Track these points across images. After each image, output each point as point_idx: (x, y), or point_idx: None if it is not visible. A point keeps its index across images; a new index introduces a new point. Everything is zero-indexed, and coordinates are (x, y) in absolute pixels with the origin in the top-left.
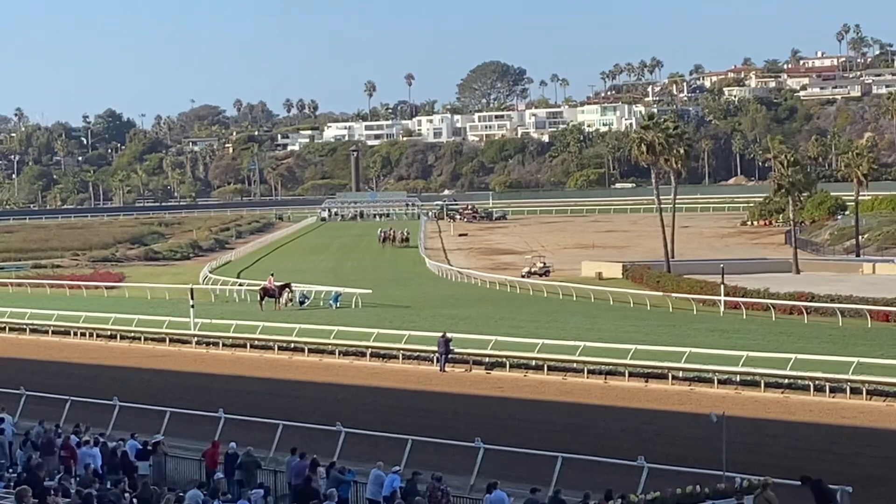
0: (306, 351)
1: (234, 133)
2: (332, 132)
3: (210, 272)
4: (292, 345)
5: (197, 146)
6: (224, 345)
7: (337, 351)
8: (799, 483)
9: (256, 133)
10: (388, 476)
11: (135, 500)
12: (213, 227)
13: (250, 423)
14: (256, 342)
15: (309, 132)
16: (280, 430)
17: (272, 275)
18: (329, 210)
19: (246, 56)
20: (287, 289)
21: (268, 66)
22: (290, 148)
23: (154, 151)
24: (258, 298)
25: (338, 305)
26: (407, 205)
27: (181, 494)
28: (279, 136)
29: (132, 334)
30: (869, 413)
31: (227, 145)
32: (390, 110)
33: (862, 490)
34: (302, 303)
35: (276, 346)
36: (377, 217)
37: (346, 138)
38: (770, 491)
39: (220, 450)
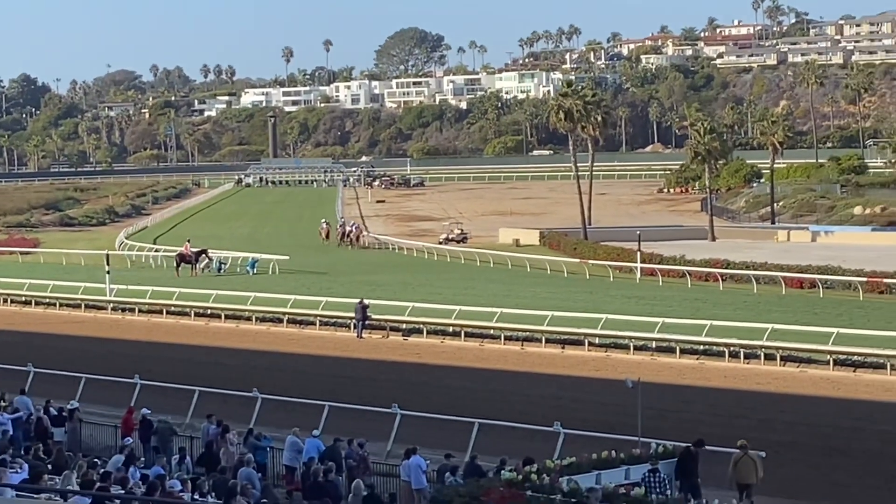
0: (223, 317)
1: (151, 98)
2: (249, 98)
3: (126, 238)
4: (209, 311)
5: (113, 111)
6: (140, 311)
7: (254, 317)
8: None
9: (173, 98)
10: (306, 442)
11: (49, 467)
12: (130, 193)
13: (166, 389)
14: (173, 308)
15: (226, 98)
16: (196, 397)
17: (189, 241)
18: (254, 176)
19: (163, 21)
20: (204, 255)
21: (185, 32)
22: (206, 114)
23: (69, 116)
24: (174, 265)
25: (255, 272)
26: (325, 171)
27: (95, 461)
28: (196, 101)
29: (47, 300)
30: (783, 379)
31: (143, 111)
32: (308, 76)
33: (775, 455)
34: (219, 269)
35: (192, 313)
36: (302, 183)
37: (264, 104)
38: (751, 451)
39: (134, 416)
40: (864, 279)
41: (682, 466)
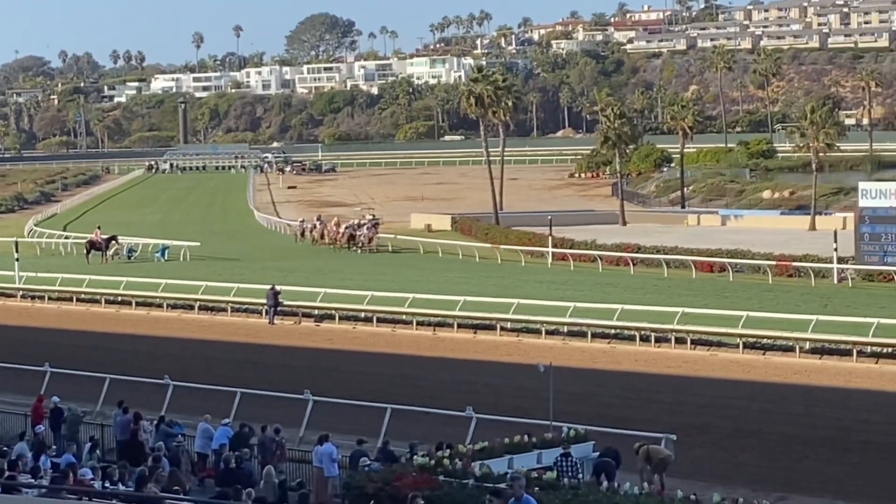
0: (134, 304)
1: (60, 84)
2: (159, 84)
3: (35, 225)
4: (119, 298)
5: (21, 97)
6: (50, 298)
7: (165, 304)
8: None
9: (82, 84)
10: (217, 429)
11: None
12: (39, 180)
13: (77, 377)
14: (83, 296)
15: (136, 84)
16: (107, 384)
17: (99, 228)
18: (170, 162)
19: (72, 6)
20: (114, 242)
21: (94, 17)
22: (116, 100)
23: None
24: (84, 252)
25: (165, 259)
26: (240, 157)
27: (5, 448)
28: (105, 87)
29: None
30: (693, 362)
31: (52, 97)
32: (218, 62)
33: (686, 438)
34: (129, 256)
35: (103, 300)
36: (218, 169)
37: (174, 90)
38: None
39: (44, 404)
40: (773, 263)
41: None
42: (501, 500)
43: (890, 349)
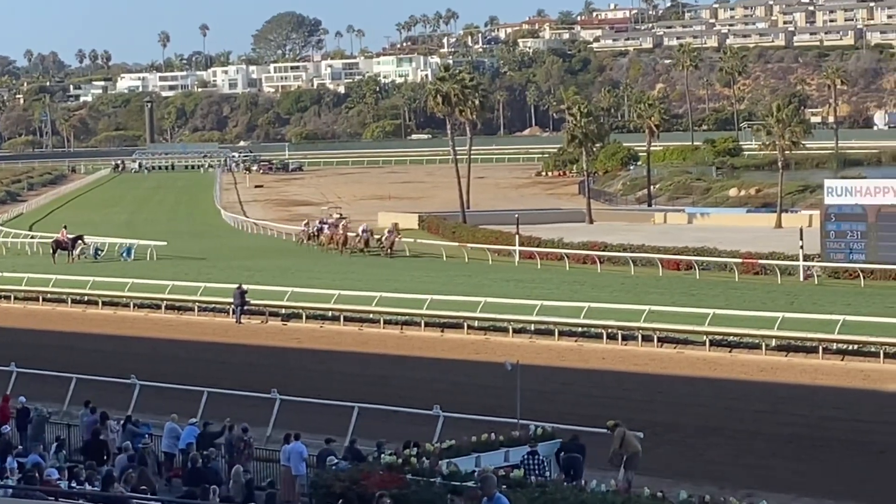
0: (100, 304)
1: (25, 84)
2: (125, 83)
3: (1, 225)
4: (86, 298)
5: None
6: (16, 298)
7: (131, 304)
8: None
9: (48, 84)
10: (185, 428)
11: None
12: (4, 180)
13: (44, 376)
14: (49, 295)
15: (102, 83)
16: (73, 384)
17: (65, 227)
18: (139, 161)
19: (37, 5)
20: (80, 241)
21: (60, 17)
22: (82, 99)
23: None
24: (51, 251)
25: (131, 258)
26: (205, 156)
27: None
28: (71, 87)
29: None
30: (660, 360)
31: (17, 96)
32: (185, 61)
33: (654, 436)
34: (95, 255)
35: (69, 300)
36: (188, 168)
37: (140, 89)
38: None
39: (10, 404)
40: (740, 260)
41: (568, 464)
42: (462, 497)
43: (856, 346)
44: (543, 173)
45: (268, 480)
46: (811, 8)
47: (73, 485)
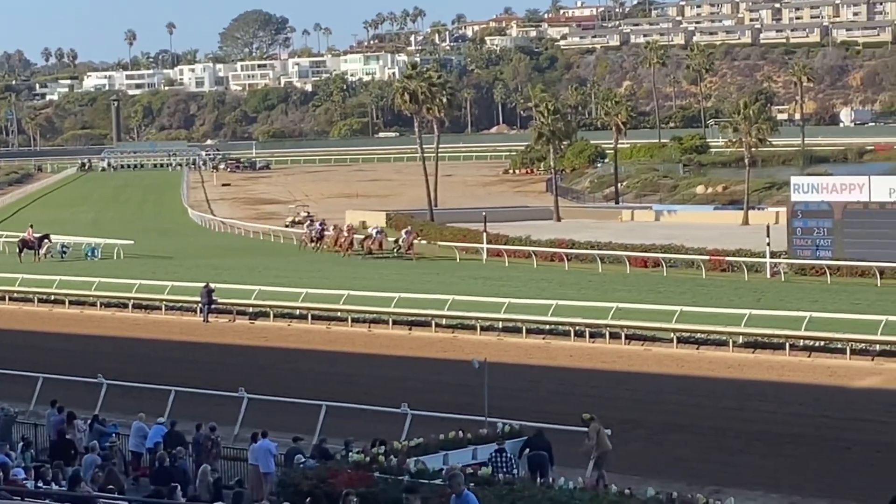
0: (67, 303)
1: None
2: (92, 81)
3: None
4: (53, 297)
5: None
6: None
7: (99, 303)
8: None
9: (14, 82)
10: (152, 427)
11: None
12: None
13: (10, 376)
14: (16, 294)
15: (68, 82)
16: (40, 384)
17: (31, 226)
18: (109, 160)
19: (2, 4)
20: (46, 240)
21: (25, 15)
22: (48, 98)
23: None
24: (17, 250)
25: (97, 257)
26: (172, 154)
27: None
28: (37, 85)
29: None
30: (627, 357)
31: None
32: (151, 59)
33: (621, 432)
34: (62, 254)
35: (36, 299)
36: (157, 167)
37: (107, 88)
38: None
39: None
40: (707, 257)
41: (534, 462)
42: (418, 495)
43: (822, 342)
44: (511, 171)
45: (235, 479)
46: (777, 5)
47: (40, 485)
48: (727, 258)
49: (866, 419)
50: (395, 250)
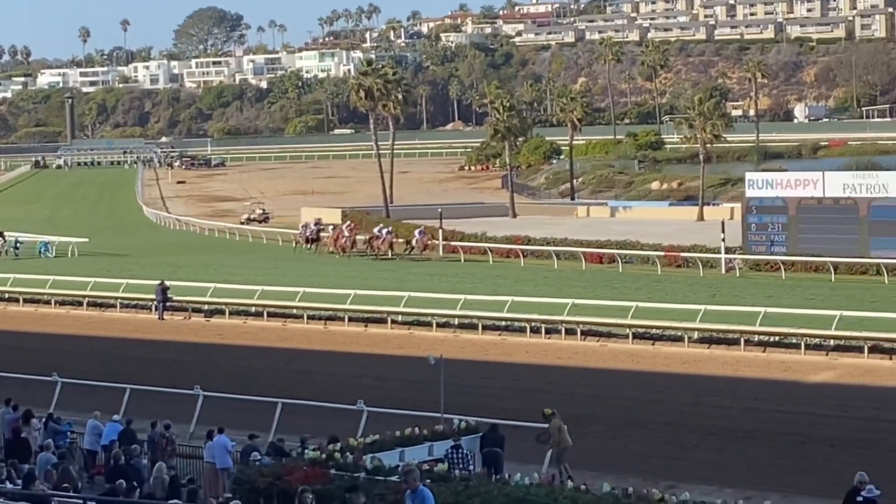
0: (21, 301)
1: None
2: (45, 79)
3: None
4: (6, 295)
5: None
6: None
7: (53, 300)
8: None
9: None
10: (107, 425)
11: None
12: None
13: None
14: None
15: (22, 79)
16: None
17: None
18: (64, 158)
19: None
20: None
21: None
22: (1, 95)
23: None
24: None
25: (50, 255)
26: (128, 152)
27: None
28: None
29: None
30: (583, 353)
31: None
32: (105, 56)
33: (577, 428)
34: (16, 252)
35: None
36: (114, 164)
37: (61, 85)
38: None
39: None
40: (662, 253)
41: (489, 459)
42: (360, 493)
43: (777, 338)
44: (466, 167)
45: (188, 477)
46: (732, 2)
47: None
48: (682, 254)
49: (821, 414)
50: (407, 251)
